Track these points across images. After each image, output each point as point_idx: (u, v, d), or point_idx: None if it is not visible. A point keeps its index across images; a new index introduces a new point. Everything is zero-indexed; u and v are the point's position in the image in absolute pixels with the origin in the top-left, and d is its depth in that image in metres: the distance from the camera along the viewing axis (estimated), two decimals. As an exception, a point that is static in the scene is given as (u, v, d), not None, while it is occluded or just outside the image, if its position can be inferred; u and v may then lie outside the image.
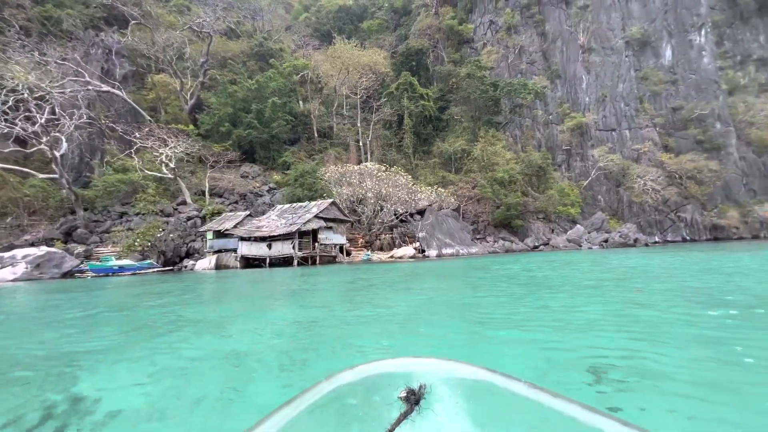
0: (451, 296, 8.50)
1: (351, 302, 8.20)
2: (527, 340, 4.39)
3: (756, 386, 2.84)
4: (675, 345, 3.87)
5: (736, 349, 3.68)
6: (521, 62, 50.75)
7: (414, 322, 5.73)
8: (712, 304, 5.98)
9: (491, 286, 9.98)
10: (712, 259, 15.23)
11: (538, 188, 35.76)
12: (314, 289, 11.32)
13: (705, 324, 4.77)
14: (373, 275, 14.47)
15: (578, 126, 44.47)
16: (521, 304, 7.02)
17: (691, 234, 39.12)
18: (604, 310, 6.06)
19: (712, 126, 43.09)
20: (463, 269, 15.73)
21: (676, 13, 47.56)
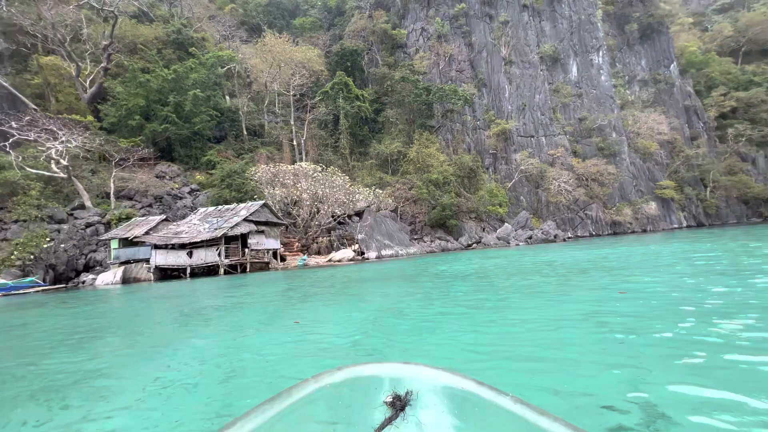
0: (401, 306, 7.22)
1: (274, 322, 6.56)
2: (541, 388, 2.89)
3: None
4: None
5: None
6: (451, 70, 53.22)
7: (361, 350, 4.34)
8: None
9: (439, 289, 9.30)
10: (614, 249, 17.06)
11: (469, 189, 37.58)
12: (236, 304, 9.34)
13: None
14: (309, 282, 13.44)
15: (502, 132, 47.88)
16: (483, 319, 5.56)
17: (596, 229, 44.40)
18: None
19: (609, 135, 49.54)
20: (406, 271, 15.39)
21: (579, 35, 53.92)
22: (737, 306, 5.00)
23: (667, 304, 5.45)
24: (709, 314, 4.69)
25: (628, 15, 58.74)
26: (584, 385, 2.86)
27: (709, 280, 7.25)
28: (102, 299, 13.52)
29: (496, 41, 53.32)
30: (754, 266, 8.69)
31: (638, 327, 4.35)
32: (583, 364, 3.38)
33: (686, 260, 11.04)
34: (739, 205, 50.85)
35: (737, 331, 3.88)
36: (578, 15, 54.34)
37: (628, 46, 59.22)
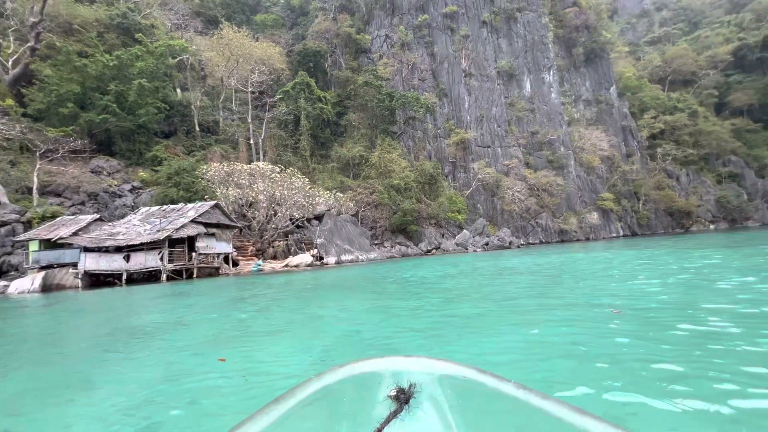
0: (365, 327, 5.99)
1: (204, 352, 5.11)
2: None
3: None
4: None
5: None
6: (414, 78, 54.13)
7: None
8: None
9: (404, 301, 8.18)
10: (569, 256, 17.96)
11: (430, 195, 38.12)
12: (167, 323, 7.58)
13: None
14: (263, 290, 12.43)
15: (462, 141, 49.36)
16: (459, 343, 4.64)
17: (546, 237, 46.98)
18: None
19: (558, 149, 52.93)
20: (368, 278, 14.77)
21: (533, 53, 57.34)
22: None
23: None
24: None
25: (575, 39, 63.55)
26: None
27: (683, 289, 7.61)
28: (9, 312, 11.59)
29: (457, 53, 55.12)
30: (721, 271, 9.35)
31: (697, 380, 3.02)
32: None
33: (647, 268, 11.72)
34: (666, 217, 56.47)
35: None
36: (532, 35, 57.83)
37: (575, 68, 64.00)
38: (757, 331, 4.31)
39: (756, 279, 7.67)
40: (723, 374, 3.07)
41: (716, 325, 4.56)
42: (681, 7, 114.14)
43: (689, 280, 8.40)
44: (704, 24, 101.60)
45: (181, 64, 40.30)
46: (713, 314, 5.07)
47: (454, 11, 55.84)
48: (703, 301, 6.01)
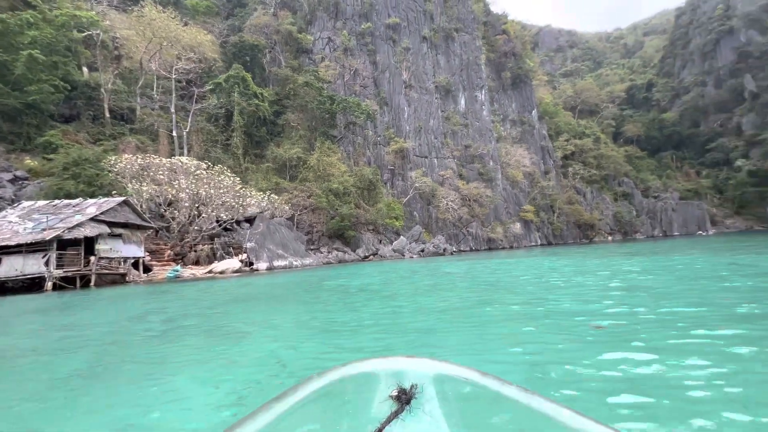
0: (300, 346, 5.09)
1: (49, 400, 3.59)
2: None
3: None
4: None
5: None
6: (355, 84, 54.14)
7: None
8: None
9: (342, 315, 7.14)
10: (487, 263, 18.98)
11: (368, 201, 38.02)
12: (20, 350, 5.78)
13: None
14: (175, 303, 10.65)
15: (401, 150, 50.41)
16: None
17: (476, 245, 49.82)
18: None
19: (488, 163, 56.83)
20: (302, 286, 13.70)
21: (467, 72, 61.17)
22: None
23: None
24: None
25: (504, 64, 69.42)
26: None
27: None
28: None
29: (398, 65, 56.49)
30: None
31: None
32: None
33: (585, 274, 12.59)
34: (575, 229, 63.73)
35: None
36: (467, 55, 61.76)
37: (504, 90, 69.80)
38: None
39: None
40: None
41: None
42: (588, 47, 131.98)
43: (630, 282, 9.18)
44: (605, 64, 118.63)
45: (89, 40, 35.06)
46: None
47: (396, 23, 57.30)
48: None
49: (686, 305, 5.93)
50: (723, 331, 4.32)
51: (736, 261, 12.38)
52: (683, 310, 5.59)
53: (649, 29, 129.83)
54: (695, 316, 5.17)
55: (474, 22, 65.31)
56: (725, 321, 4.86)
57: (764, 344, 3.82)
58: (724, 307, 5.62)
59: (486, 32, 70.28)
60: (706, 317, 5.06)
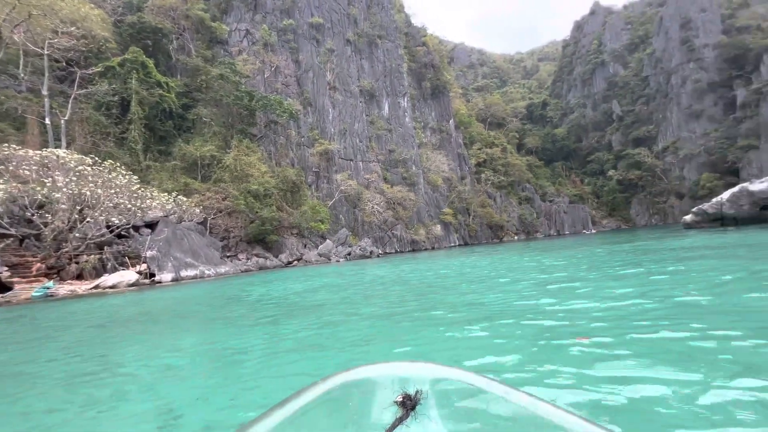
0: (201, 395, 3.57)
1: None
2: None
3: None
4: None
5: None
6: (277, 81, 51.67)
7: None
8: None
9: (255, 337, 5.83)
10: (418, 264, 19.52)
11: (292, 204, 36.32)
12: None
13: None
14: (31, 333, 7.70)
15: (326, 152, 49.48)
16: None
17: (400, 247, 51.17)
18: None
19: (411, 167, 59.01)
20: (212, 299, 11.83)
21: (391, 79, 62.92)
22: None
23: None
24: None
25: (424, 74, 73.09)
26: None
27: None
28: None
29: (322, 65, 55.54)
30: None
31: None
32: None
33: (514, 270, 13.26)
34: (487, 230, 69.70)
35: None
36: (390, 63, 63.54)
37: (424, 99, 73.42)
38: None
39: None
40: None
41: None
42: (495, 67, 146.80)
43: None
44: (510, 82, 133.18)
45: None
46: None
47: (320, 23, 56.36)
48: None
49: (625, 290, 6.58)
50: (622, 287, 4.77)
51: (615, 248, 14.57)
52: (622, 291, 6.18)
53: (543, 56, 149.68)
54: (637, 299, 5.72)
55: (396, 31, 67.57)
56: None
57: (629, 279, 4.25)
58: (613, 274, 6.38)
59: (407, 42, 73.28)
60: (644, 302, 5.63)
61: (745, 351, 3.13)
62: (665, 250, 12.26)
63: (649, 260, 10.25)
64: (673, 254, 10.91)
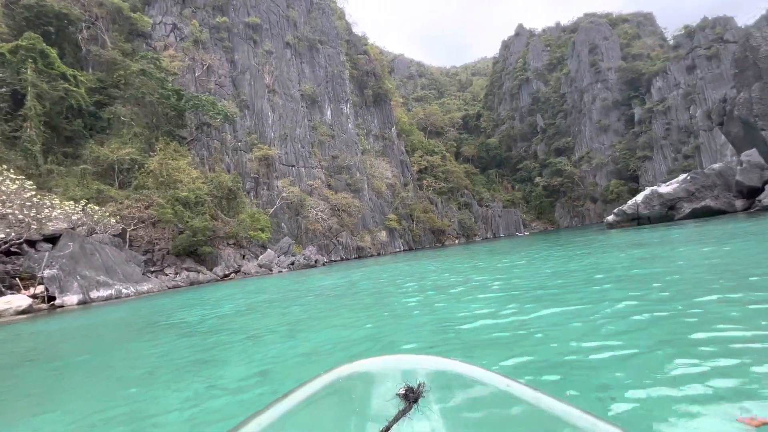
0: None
1: None
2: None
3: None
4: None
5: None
6: (210, 81, 48.25)
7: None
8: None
9: (190, 384, 3.81)
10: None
11: (228, 212, 33.70)
12: None
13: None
14: None
15: (265, 157, 47.12)
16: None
17: (346, 254, 50.33)
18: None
19: (355, 174, 58.66)
20: (122, 329, 8.83)
21: (333, 85, 62.31)
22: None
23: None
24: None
25: (366, 82, 73.66)
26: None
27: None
28: None
29: (260, 67, 53.12)
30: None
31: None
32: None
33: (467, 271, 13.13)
34: (430, 234, 71.75)
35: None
36: (332, 68, 62.96)
37: (366, 107, 73.90)
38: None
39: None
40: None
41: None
42: (433, 79, 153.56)
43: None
44: (447, 94, 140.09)
45: None
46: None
47: (257, 23, 54.03)
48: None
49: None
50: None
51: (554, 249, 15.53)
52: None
53: (476, 71, 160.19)
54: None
55: (338, 37, 67.34)
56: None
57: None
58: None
59: (349, 50, 73.40)
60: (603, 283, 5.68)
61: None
62: (610, 245, 13.33)
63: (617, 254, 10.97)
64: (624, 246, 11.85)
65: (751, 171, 15.14)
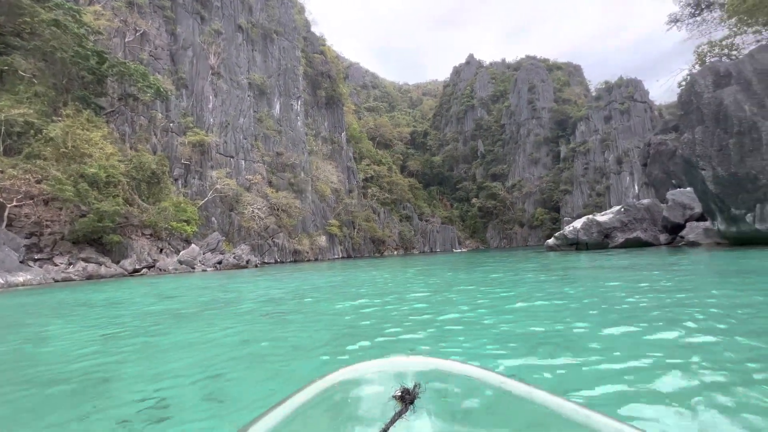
0: None
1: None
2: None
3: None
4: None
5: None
6: (143, 50, 42.79)
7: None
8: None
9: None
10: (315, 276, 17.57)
11: (148, 198, 29.40)
12: None
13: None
14: None
15: (200, 143, 42.80)
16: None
17: (281, 257, 47.41)
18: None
19: (299, 174, 56.14)
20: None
21: (285, 79, 59.51)
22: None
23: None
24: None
25: (320, 82, 71.85)
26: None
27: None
28: None
29: (206, 47, 48.68)
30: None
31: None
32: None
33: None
34: (370, 244, 71.29)
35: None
36: (286, 62, 60.21)
37: (318, 107, 71.93)
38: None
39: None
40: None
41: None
42: (386, 92, 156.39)
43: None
44: (398, 108, 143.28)
45: None
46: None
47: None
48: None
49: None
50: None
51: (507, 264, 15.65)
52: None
53: (426, 91, 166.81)
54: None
55: (295, 31, 64.90)
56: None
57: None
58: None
59: (306, 47, 71.19)
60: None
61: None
62: (563, 268, 13.63)
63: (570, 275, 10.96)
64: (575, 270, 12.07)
65: (676, 209, 17.15)
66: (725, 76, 13.20)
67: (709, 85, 13.27)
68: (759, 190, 11.83)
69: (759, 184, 11.75)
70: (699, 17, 20.83)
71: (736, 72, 13.04)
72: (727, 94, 12.71)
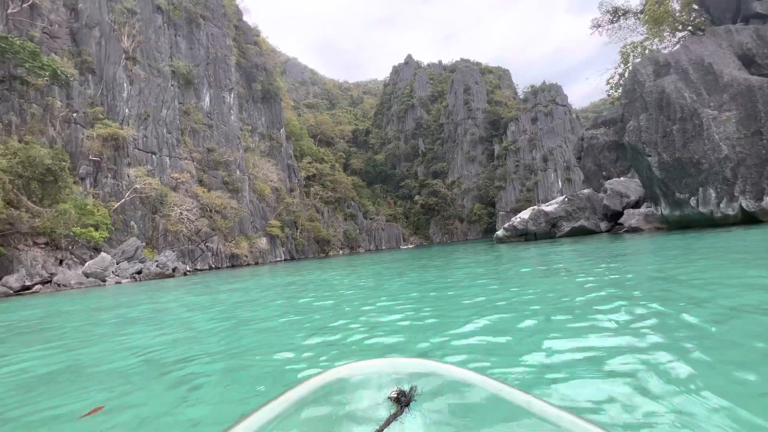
0: None
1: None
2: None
3: None
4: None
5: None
6: (35, 27, 36.13)
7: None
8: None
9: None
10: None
11: (42, 200, 24.46)
12: None
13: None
14: None
15: (113, 137, 37.34)
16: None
17: (216, 262, 43.40)
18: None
19: (234, 172, 51.98)
20: None
21: (215, 69, 54.68)
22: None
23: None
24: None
25: (255, 75, 67.47)
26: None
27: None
28: None
29: (118, 27, 42.63)
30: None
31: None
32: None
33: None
34: (315, 244, 68.84)
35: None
36: (215, 50, 55.34)
37: (254, 102, 67.50)
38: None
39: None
40: None
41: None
42: (326, 89, 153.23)
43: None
44: (338, 106, 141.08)
45: None
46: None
47: (117, -28, 43.61)
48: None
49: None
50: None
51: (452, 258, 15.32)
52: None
53: (367, 90, 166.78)
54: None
55: (224, 18, 60.02)
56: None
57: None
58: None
59: (238, 36, 66.33)
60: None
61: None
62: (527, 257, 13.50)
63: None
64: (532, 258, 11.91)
65: (614, 197, 18.40)
66: (665, 66, 14.31)
67: (650, 74, 14.29)
68: (701, 174, 12.91)
69: (701, 168, 12.82)
70: (617, 24, 22.95)
71: (674, 62, 14.17)
72: (668, 82, 13.73)
